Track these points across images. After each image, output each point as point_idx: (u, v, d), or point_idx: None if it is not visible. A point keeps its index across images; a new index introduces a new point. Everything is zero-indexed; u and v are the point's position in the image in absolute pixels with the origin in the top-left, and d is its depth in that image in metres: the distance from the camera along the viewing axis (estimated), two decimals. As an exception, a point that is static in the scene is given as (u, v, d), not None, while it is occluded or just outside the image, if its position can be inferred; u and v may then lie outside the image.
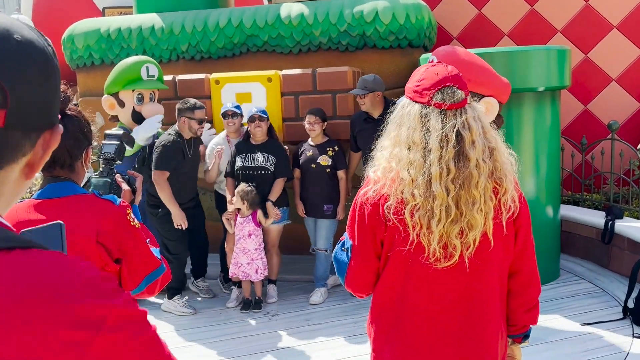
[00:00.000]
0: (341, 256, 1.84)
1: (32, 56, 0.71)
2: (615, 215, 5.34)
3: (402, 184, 1.65)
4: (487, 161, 1.65)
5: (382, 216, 1.68)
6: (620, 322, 4.25)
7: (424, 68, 1.75)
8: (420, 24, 5.43)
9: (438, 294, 1.71)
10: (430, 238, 1.63)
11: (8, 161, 0.72)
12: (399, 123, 1.72)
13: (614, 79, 6.56)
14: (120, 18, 6.21)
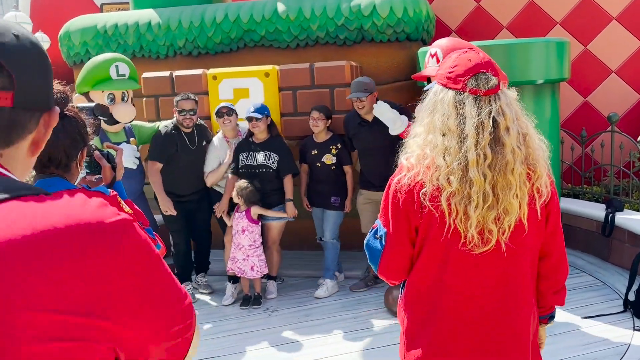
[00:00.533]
0: (374, 243, 1.84)
1: (29, 47, 0.84)
2: (615, 207, 5.32)
3: (437, 170, 1.65)
4: (521, 147, 1.66)
5: (417, 203, 1.68)
6: (620, 315, 4.24)
7: (456, 54, 1.75)
8: (418, 17, 5.39)
9: (475, 279, 1.72)
10: (468, 224, 1.64)
11: (17, 138, 0.84)
12: (432, 110, 1.72)
13: (614, 71, 6.53)
14: (117, 14, 6.17)
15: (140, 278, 0.80)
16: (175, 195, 4.93)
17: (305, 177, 5.01)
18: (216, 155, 4.90)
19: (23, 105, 0.83)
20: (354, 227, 5.11)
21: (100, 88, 4.52)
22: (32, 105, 0.85)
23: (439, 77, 1.75)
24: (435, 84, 1.76)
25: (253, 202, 4.66)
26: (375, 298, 4.77)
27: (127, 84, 4.61)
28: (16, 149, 0.85)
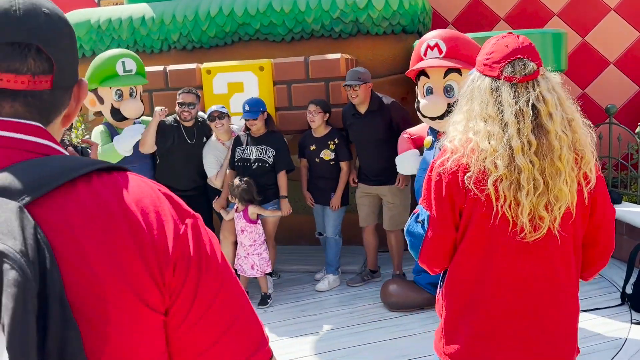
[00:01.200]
0: (416, 229, 1.78)
1: (61, 25, 0.85)
2: (613, 200, 5.28)
3: (482, 153, 1.61)
4: (567, 132, 1.63)
5: (462, 186, 1.65)
6: (618, 308, 4.21)
7: (495, 40, 1.72)
8: (414, 9, 5.34)
9: (523, 267, 1.67)
10: (518, 211, 1.60)
11: (57, 115, 0.88)
12: (470, 97, 1.70)
13: (612, 62, 6.48)
14: (111, 9, 6.12)
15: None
16: (174, 189, 4.89)
17: (305, 172, 4.96)
18: (214, 156, 4.86)
19: (61, 85, 0.85)
20: (352, 222, 5.08)
21: (108, 84, 4.56)
22: (68, 83, 0.87)
23: (477, 63, 1.74)
24: (474, 70, 1.74)
25: (248, 200, 4.61)
26: (371, 293, 4.75)
27: (134, 80, 4.65)
28: (53, 125, 0.88)
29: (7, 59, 0.79)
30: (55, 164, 0.79)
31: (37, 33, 0.80)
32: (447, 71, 3.88)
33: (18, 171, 0.75)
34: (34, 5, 0.82)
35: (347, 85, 4.59)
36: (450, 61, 3.79)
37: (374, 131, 4.54)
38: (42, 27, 0.81)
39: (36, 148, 0.81)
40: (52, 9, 0.84)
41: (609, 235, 1.80)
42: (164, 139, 4.76)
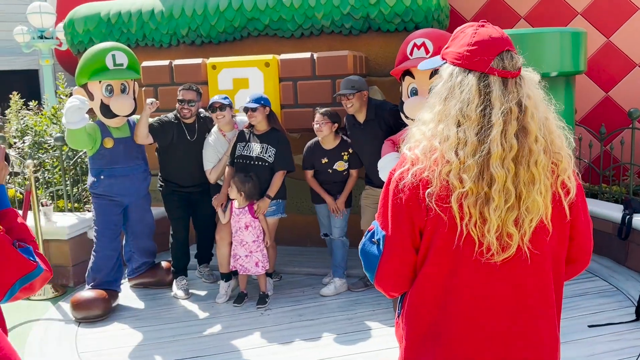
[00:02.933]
0: (371, 249, 1.60)
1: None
2: (633, 209, 5.02)
3: (446, 166, 1.43)
4: (544, 134, 1.45)
5: (423, 203, 1.46)
6: (632, 324, 3.97)
7: (472, 29, 1.51)
8: (427, 5, 5.15)
9: (489, 290, 1.49)
10: (485, 229, 1.42)
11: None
12: (447, 95, 1.48)
13: (638, 64, 6.19)
14: (121, 2, 6.06)
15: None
16: (176, 185, 4.83)
17: (314, 181, 4.76)
18: (214, 150, 4.74)
19: None
20: (356, 224, 4.92)
21: (97, 79, 4.36)
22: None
23: (452, 55, 1.51)
24: (447, 64, 1.52)
25: (254, 196, 4.49)
26: (372, 299, 4.58)
27: (124, 74, 4.43)
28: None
29: None
30: None
31: None
32: (433, 72, 3.71)
33: None
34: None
35: (340, 95, 4.41)
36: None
37: (374, 139, 4.38)
38: None
39: None
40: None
41: (587, 254, 1.62)
42: (164, 136, 4.67)
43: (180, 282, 4.88)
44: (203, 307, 4.61)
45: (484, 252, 1.44)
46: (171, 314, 4.52)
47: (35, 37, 15.23)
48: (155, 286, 4.99)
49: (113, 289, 4.61)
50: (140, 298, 4.84)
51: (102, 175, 4.50)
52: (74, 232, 5.13)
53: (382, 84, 5.30)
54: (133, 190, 4.64)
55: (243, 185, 4.40)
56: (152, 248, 5.00)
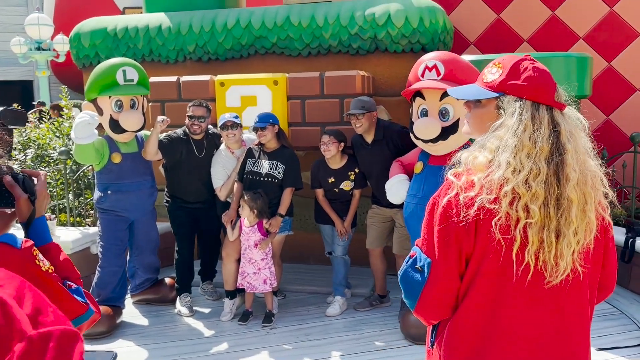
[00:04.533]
0: (414, 276, 1.59)
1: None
2: (636, 232, 5.07)
3: (509, 196, 1.45)
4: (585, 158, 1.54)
5: (471, 229, 1.48)
6: (638, 348, 3.99)
7: (530, 64, 1.56)
8: (434, 27, 5.21)
9: (537, 316, 1.51)
10: (547, 254, 1.45)
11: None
12: (519, 127, 1.50)
13: (639, 89, 6.27)
14: (128, 17, 6.08)
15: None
16: (183, 200, 4.82)
17: (324, 200, 4.76)
18: (222, 167, 4.75)
19: None
20: (362, 242, 4.92)
21: (107, 94, 4.37)
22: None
23: (516, 88, 1.54)
24: (510, 97, 1.55)
25: (265, 213, 4.49)
26: (379, 319, 4.57)
27: (134, 90, 4.44)
28: None
29: None
30: None
31: None
32: (444, 94, 3.78)
33: None
34: None
35: (350, 114, 4.44)
36: (447, 84, 3.68)
37: (382, 160, 4.41)
38: None
39: None
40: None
41: (614, 278, 1.69)
42: (173, 152, 4.67)
43: (184, 299, 4.85)
44: (208, 324, 4.57)
45: (540, 278, 1.47)
46: (176, 331, 4.48)
47: (33, 48, 15.26)
48: (158, 302, 4.96)
49: (117, 305, 4.57)
50: (143, 315, 4.80)
51: (109, 191, 4.48)
52: (77, 247, 5.10)
53: (389, 103, 5.33)
54: (140, 206, 4.63)
55: (255, 202, 4.39)
56: (156, 264, 4.97)
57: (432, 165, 4.00)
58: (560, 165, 1.47)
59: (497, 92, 1.58)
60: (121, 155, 4.51)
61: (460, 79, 3.78)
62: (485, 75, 1.64)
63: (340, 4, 5.47)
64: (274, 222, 4.48)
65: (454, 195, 1.50)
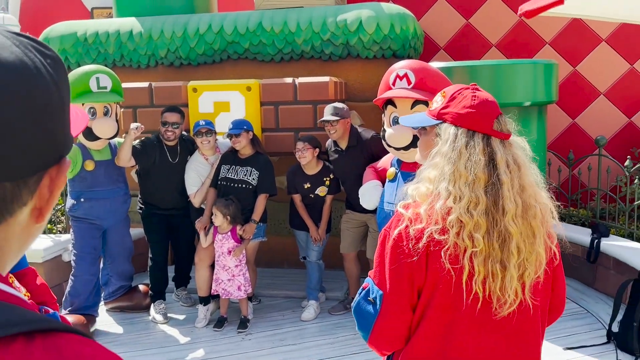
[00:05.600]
0: (366, 308, 1.59)
1: (6, 86, 0.59)
2: (601, 233, 5.22)
3: (456, 225, 1.46)
4: (534, 189, 1.55)
5: (422, 261, 1.49)
6: (603, 346, 4.13)
7: (470, 92, 1.59)
8: (405, 34, 5.29)
9: (487, 345, 1.53)
10: (494, 285, 1.46)
11: (4, 216, 0.63)
12: (453, 156, 1.52)
13: (602, 93, 6.46)
14: (98, 21, 6.03)
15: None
16: (156, 207, 4.81)
17: (302, 205, 4.79)
18: (196, 174, 4.75)
19: (3, 177, 0.60)
20: (336, 246, 4.98)
21: (80, 101, 4.33)
22: (18, 173, 0.62)
23: (453, 116, 1.57)
24: (448, 124, 1.58)
25: (238, 218, 4.50)
26: (353, 322, 4.56)
27: (108, 97, 4.42)
28: (7, 226, 0.64)
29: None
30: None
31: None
32: (415, 102, 3.86)
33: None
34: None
35: (324, 121, 4.49)
36: (419, 93, 3.76)
37: (355, 166, 4.47)
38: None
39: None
40: (4, 62, 0.60)
41: (564, 301, 1.74)
42: (146, 158, 4.66)
43: (159, 306, 4.85)
44: (183, 331, 4.58)
45: (489, 308, 1.49)
46: (151, 339, 4.48)
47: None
48: (132, 310, 4.94)
49: (91, 314, 4.55)
50: (118, 322, 4.78)
51: (82, 198, 4.45)
52: (48, 255, 5.04)
53: (361, 108, 5.40)
54: (113, 214, 4.60)
55: (227, 209, 4.41)
56: (130, 272, 4.95)
57: (405, 172, 4.06)
58: (498, 196, 1.48)
59: (437, 119, 1.61)
60: (94, 162, 4.48)
61: (431, 87, 3.85)
62: (432, 104, 1.67)
63: (312, 9, 5.52)
64: (247, 229, 4.51)
65: (404, 228, 1.51)
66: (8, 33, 0.65)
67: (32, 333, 0.59)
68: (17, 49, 0.62)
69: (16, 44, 0.63)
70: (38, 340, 0.59)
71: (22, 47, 0.63)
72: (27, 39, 0.66)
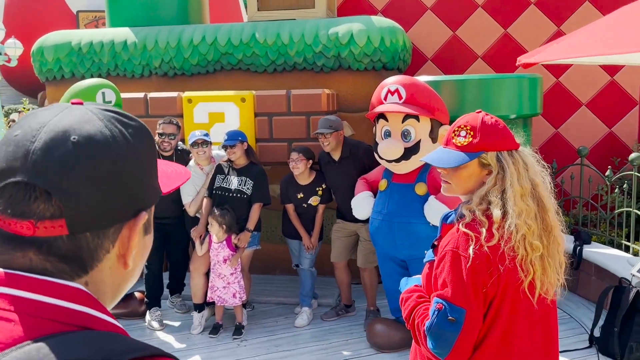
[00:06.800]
0: (447, 327, 1.70)
1: (91, 156, 0.70)
2: (583, 240, 5.42)
3: (521, 238, 1.68)
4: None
5: (495, 273, 1.67)
6: (585, 350, 4.30)
7: (491, 119, 1.82)
8: (394, 47, 5.44)
9: (537, 333, 1.78)
10: (547, 277, 1.70)
11: (94, 262, 0.74)
12: (504, 175, 1.75)
13: (584, 104, 6.67)
14: (93, 31, 6.10)
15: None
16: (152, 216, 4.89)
17: (294, 215, 4.89)
18: (192, 183, 4.85)
19: (84, 228, 0.71)
20: (328, 253, 5.11)
21: None
22: (99, 225, 0.73)
23: (490, 143, 1.77)
24: (492, 153, 1.78)
25: (233, 227, 4.61)
26: (345, 328, 4.77)
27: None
28: (99, 272, 0.75)
29: (12, 202, 0.69)
30: (95, 345, 0.66)
31: (45, 172, 0.68)
32: (406, 116, 4.03)
33: (41, 352, 0.62)
34: (63, 132, 0.71)
35: (318, 133, 4.63)
36: (410, 107, 3.96)
37: (347, 177, 4.62)
38: (55, 164, 0.69)
39: (72, 318, 0.68)
40: (88, 133, 0.71)
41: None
42: None
43: (155, 313, 4.94)
44: (178, 338, 4.68)
45: (541, 300, 1.73)
46: (147, 345, 4.56)
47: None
48: (128, 317, 5.02)
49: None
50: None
51: None
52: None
53: (352, 119, 5.54)
54: None
55: (223, 218, 4.52)
56: None
57: (396, 183, 4.23)
58: (540, 199, 1.73)
59: (477, 152, 1.79)
60: None
61: (421, 101, 4.02)
62: (456, 139, 1.83)
63: (304, 22, 5.65)
64: (242, 237, 4.62)
65: (477, 248, 1.68)
66: (96, 109, 0.77)
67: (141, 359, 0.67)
68: (100, 122, 0.74)
69: (100, 117, 0.75)
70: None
71: (105, 120, 0.75)
72: (112, 112, 0.78)
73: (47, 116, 0.73)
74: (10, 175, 0.69)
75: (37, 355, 0.62)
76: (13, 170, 0.69)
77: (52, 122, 0.71)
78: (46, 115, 0.73)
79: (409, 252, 4.07)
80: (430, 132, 4.09)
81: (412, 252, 4.02)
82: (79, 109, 0.75)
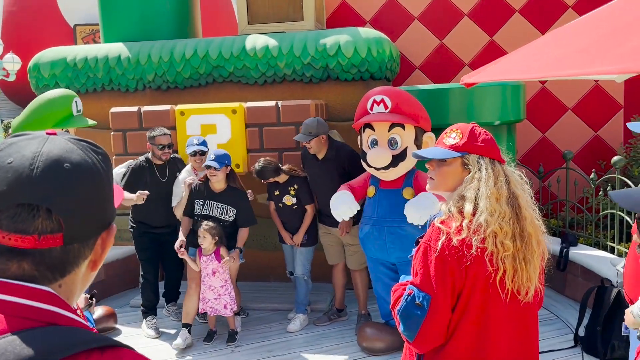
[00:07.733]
0: (414, 311, 1.85)
1: (81, 180, 0.85)
2: (570, 242, 5.54)
3: (492, 235, 1.82)
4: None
5: (463, 267, 1.81)
6: (571, 350, 4.41)
7: (481, 130, 2.01)
8: (381, 57, 5.58)
9: (515, 332, 1.89)
10: (520, 278, 1.83)
11: (73, 267, 0.87)
12: (486, 180, 1.90)
13: (570, 108, 6.81)
14: (87, 47, 6.25)
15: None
16: (147, 225, 5.02)
17: (274, 213, 5.03)
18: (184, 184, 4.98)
19: (75, 239, 0.85)
20: (320, 260, 5.22)
21: (66, 126, 4.22)
22: (87, 235, 0.88)
23: (477, 148, 1.96)
24: (475, 155, 1.95)
25: (223, 241, 4.68)
26: (337, 332, 4.88)
27: (85, 121, 4.34)
28: (74, 275, 0.88)
29: (15, 220, 0.81)
30: (55, 338, 0.78)
31: (48, 195, 0.82)
32: (392, 125, 4.17)
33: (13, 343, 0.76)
34: (56, 161, 0.84)
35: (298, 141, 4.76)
36: (395, 116, 4.09)
37: (329, 176, 4.74)
38: (56, 188, 0.82)
39: (41, 316, 0.81)
40: (76, 161, 0.85)
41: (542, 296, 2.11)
42: (140, 182, 4.86)
43: (151, 321, 5.05)
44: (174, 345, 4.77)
45: (515, 300, 1.86)
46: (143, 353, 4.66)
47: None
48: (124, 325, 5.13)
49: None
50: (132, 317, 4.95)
51: None
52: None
53: (341, 128, 5.66)
54: None
55: (215, 229, 4.60)
56: None
57: (384, 189, 4.36)
58: (517, 207, 1.88)
59: (461, 152, 1.97)
60: None
61: (406, 111, 4.16)
62: (446, 139, 2.03)
63: (293, 34, 5.80)
64: (234, 256, 4.69)
65: (446, 240, 1.84)
66: (72, 139, 0.91)
67: (91, 350, 0.79)
68: (81, 152, 0.88)
69: (78, 147, 0.89)
70: (95, 355, 0.79)
71: (83, 150, 0.89)
72: (85, 142, 0.92)
73: (36, 146, 0.85)
74: (13, 198, 0.81)
75: (5, 346, 0.75)
76: (15, 193, 0.81)
77: (44, 152, 0.84)
78: (35, 145, 0.86)
79: (399, 255, 4.20)
80: (415, 139, 4.22)
81: (402, 254, 4.14)
82: (59, 140, 0.89)
